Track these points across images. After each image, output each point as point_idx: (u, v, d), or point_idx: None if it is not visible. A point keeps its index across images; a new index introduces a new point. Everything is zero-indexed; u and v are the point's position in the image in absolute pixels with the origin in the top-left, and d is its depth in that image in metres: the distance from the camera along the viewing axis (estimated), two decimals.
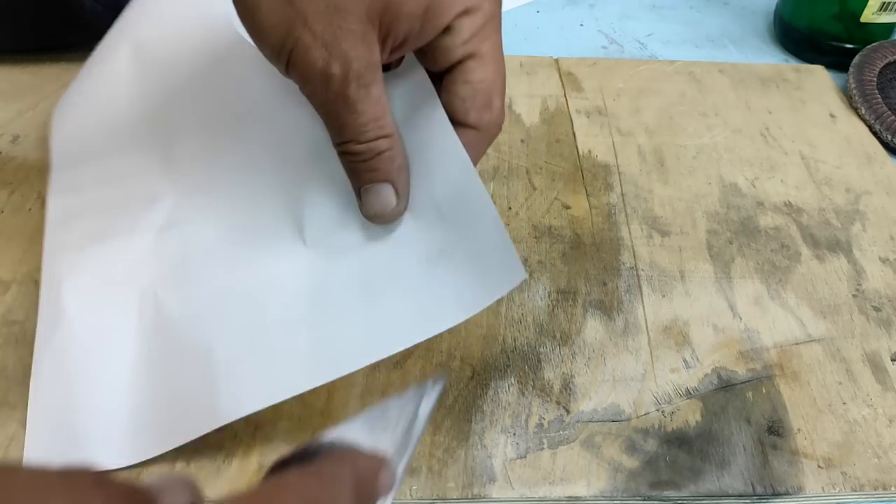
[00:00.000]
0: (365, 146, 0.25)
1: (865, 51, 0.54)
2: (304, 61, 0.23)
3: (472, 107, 0.26)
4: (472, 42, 0.25)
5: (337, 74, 0.23)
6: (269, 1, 0.22)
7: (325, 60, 0.23)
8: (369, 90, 0.24)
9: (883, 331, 0.36)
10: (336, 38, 0.23)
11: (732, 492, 0.30)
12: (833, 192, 0.45)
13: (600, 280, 0.38)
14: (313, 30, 0.22)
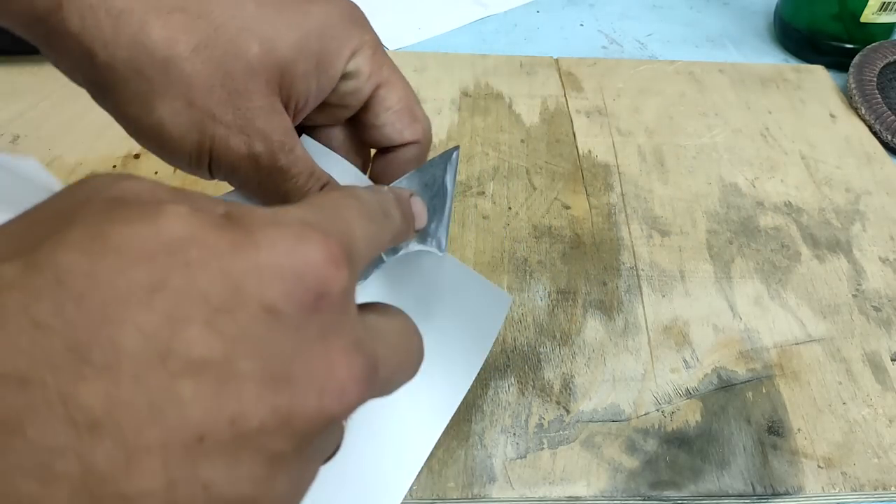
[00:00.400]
0: None
1: (865, 51, 0.54)
2: (228, 152, 0.23)
3: (404, 126, 0.27)
4: (374, 75, 0.26)
5: (263, 152, 0.23)
6: (170, 112, 0.22)
7: (247, 144, 0.23)
8: (294, 152, 0.24)
9: (883, 331, 0.36)
10: (248, 120, 0.23)
11: (732, 492, 0.30)
12: (833, 192, 0.45)
13: (600, 280, 0.38)
14: (224, 121, 0.23)
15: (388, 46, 0.56)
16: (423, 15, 0.61)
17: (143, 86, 0.22)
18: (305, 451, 0.14)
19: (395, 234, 0.20)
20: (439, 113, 0.48)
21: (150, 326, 0.12)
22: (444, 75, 0.52)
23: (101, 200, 0.13)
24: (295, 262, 0.14)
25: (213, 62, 0.22)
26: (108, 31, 0.21)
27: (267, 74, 0.23)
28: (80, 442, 0.11)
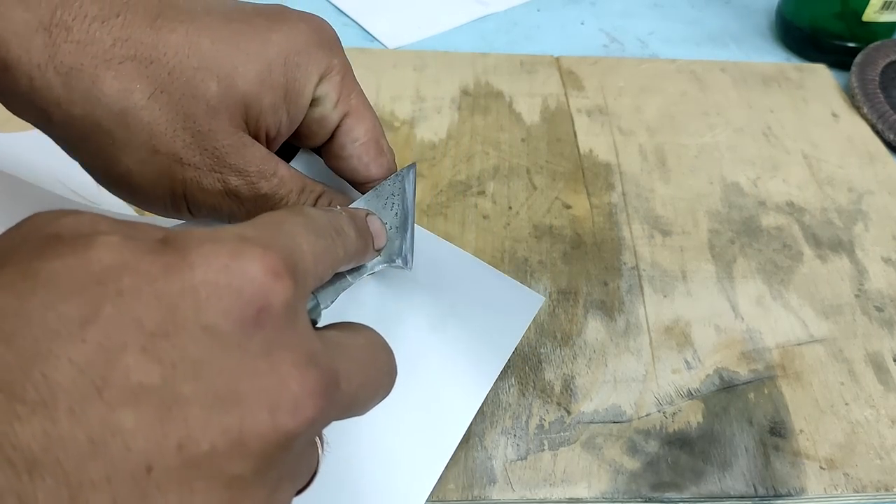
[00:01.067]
0: None
1: (868, 49, 0.53)
2: (203, 194, 0.23)
3: (370, 159, 0.26)
4: (342, 103, 0.25)
5: (241, 185, 0.23)
6: (135, 163, 0.22)
7: (221, 181, 0.23)
8: (277, 174, 0.24)
9: (885, 331, 0.36)
10: (218, 159, 0.22)
11: (734, 493, 0.29)
12: (835, 191, 0.44)
13: (601, 280, 0.38)
14: (192, 163, 0.22)
15: (388, 45, 0.56)
16: (424, 13, 0.60)
17: (104, 139, 0.21)
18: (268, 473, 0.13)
19: (350, 251, 0.20)
20: (439, 112, 0.48)
21: (83, 358, 0.12)
22: (445, 74, 0.52)
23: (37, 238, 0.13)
24: (231, 277, 0.13)
25: (172, 106, 0.21)
26: (60, 90, 0.20)
27: (229, 112, 0.22)
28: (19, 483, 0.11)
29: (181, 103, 0.21)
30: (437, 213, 0.41)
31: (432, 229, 0.40)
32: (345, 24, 0.59)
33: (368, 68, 0.52)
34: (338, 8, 0.60)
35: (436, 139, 0.46)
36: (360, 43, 0.56)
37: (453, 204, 0.42)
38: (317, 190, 0.25)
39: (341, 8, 0.60)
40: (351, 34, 0.58)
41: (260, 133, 0.24)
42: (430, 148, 0.45)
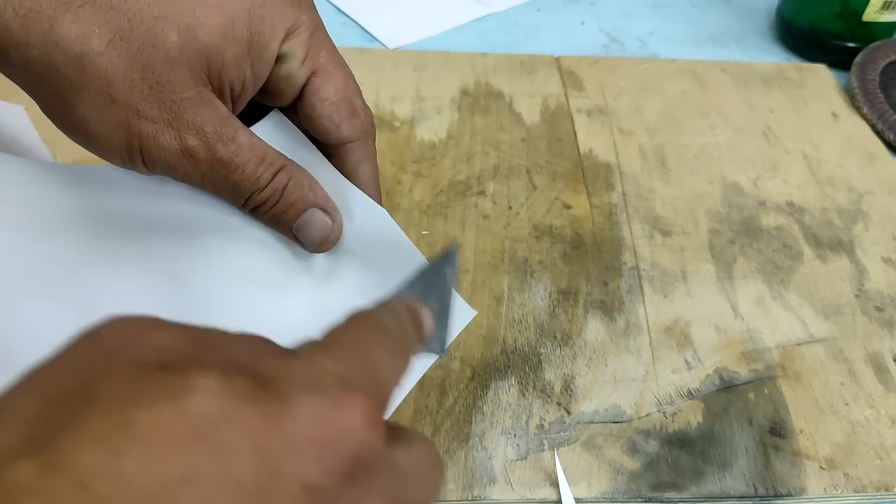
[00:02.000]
0: (268, 189, 0.24)
1: (867, 50, 0.53)
2: (159, 150, 0.22)
3: (341, 120, 0.25)
4: (309, 60, 0.24)
5: (197, 145, 0.22)
6: (91, 110, 0.21)
7: (178, 139, 0.22)
8: (236, 140, 0.23)
9: (885, 331, 0.36)
10: (176, 114, 0.22)
11: (734, 493, 0.29)
12: (835, 191, 0.44)
13: (601, 280, 0.38)
14: (150, 116, 0.22)
15: (388, 45, 0.56)
16: (424, 13, 0.60)
17: (61, 84, 0.21)
18: None
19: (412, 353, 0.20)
20: (439, 112, 0.48)
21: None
22: (445, 74, 0.52)
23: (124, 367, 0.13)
24: (334, 432, 0.13)
25: (131, 55, 0.21)
26: (18, 32, 0.20)
27: (190, 64, 0.22)
28: None
29: (140, 52, 0.21)
30: (437, 213, 0.41)
31: (432, 229, 0.40)
32: (345, 24, 0.59)
33: (368, 68, 0.52)
34: (338, 8, 0.60)
35: (436, 139, 0.46)
36: (360, 43, 0.56)
37: (453, 204, 0.42)
38: (277, 163, 0.24)
39: (341, 8, 0.60)
40: (351, 34, 0.58)
41: (224, 89, 0.23)
42: (430, 148, 0.45)
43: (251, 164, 0.23)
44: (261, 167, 0.24)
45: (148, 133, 0.22)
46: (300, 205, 0.25)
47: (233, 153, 0.23)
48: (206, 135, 0.22)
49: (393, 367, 0.17)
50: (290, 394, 0.13)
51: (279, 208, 0.25)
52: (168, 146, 0.22)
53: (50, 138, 0.44)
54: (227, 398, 0.12)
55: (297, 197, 0.25)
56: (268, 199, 0.24)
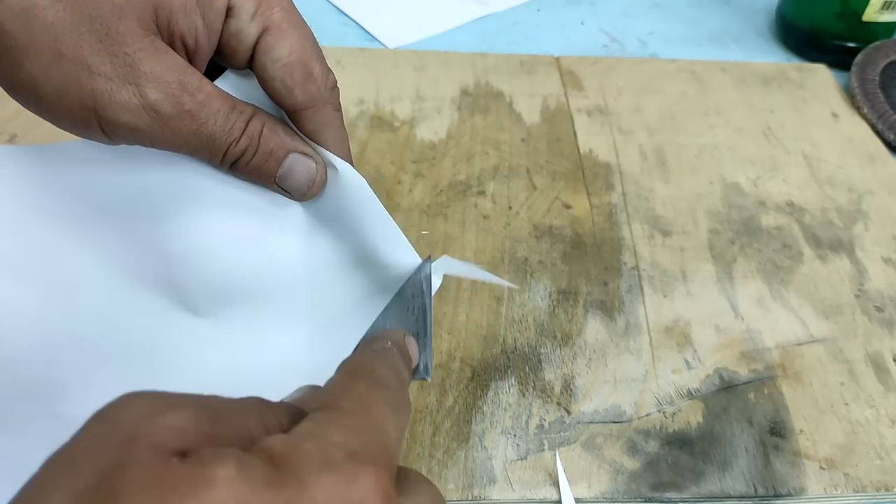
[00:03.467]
0: (244, 139, 0.23)
1: (868, 50, 0.53)
2: (117, 109, 0.20)
3: (294, 83, 0.23)
4: (260, 15, 0.23)
5: (161, 98, 0.21)
6: (40, 67, 0.20)
7: (137, 94, 0.20)
8: (203, 91, 0.22)
9: (885, 331, 0.36)
10: (131, 67, 0.20)
11: (734, 493, 0.29)
12: (835, 191, 0.44)
13: (601, 280, 0.38)
14: (103, 72, 0.20)
15: (388, 45, 0.56)
16: (424, 13, 0.60)
17: (7, 41, 0.20)
18: None
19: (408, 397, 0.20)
20: (439, 112, 0.48)
21: None
22: (445, 74, 0.52)
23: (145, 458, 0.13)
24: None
25: (77, 7, 0.20)
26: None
27: (137, 12, 0.20)
28: None
29: (86, 4, 0.20)
30: (437, 213, 0.41)
31: (432, 229, 0.40)
32: (345, 24, 0.59)
33: (368, 68, 0.52)
34: (338, 8, 0.60)
35: (436, 139, 0.46)
36: (360, 43, 0.56)
37: (453, 204, 0.42)
38: (247, 111, 0.23)
39: (341, 8, 0.60)
40: (351, 34, 0.58)
41: (175, 41, 0.22)
42: (430, 148, 0.45)
43: (222, 114, 0.22)
44: (232, 115, 0.22)
45: (102, 90, 0.20)
46: (279, 151, 0.24)
47: (200, 103, 0.21)
48: (169, 85, 0.21)
49: (397, 425, 0.17)
50: (306, 476, 0.14)
51: (259, 158, 0.23)
52: (127, 103, 0.20)
53: (7, 117, 0.44)
54: (247, 486, 0.13)
55: (275, 144, 0.23)
56: (246, 150, 0.23)
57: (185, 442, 0.14)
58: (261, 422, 0.16)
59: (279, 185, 0.24)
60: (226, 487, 0.13)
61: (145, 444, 0.13)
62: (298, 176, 0.24)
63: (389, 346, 0.21)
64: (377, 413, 0.16)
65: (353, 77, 0.51)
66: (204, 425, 0.14)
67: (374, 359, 0.19)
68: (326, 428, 0.15)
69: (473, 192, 0.42)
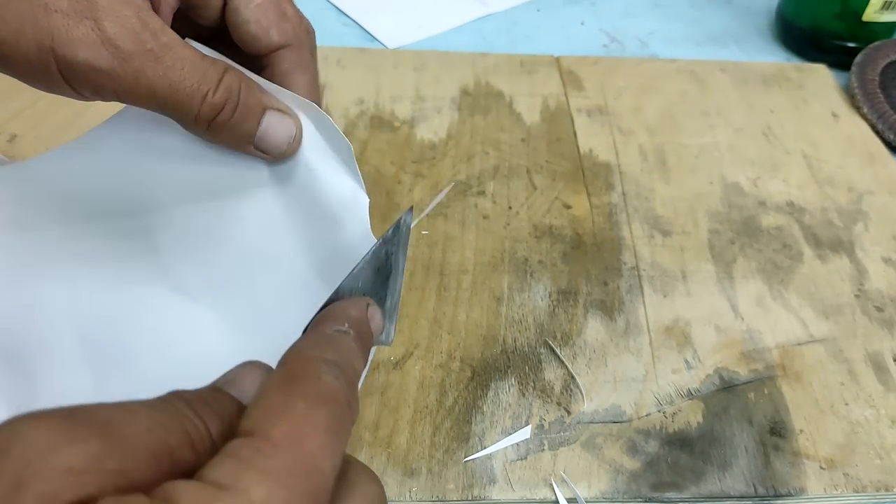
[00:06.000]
0: (221, 91, 0.21)
1: (868, 50, 0.53)
2: (76, 44, 0.19)
3: (270, 23, 0.23)
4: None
5: (119, 32, 0.19)
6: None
7: (94, 28, 0.19)
8: (166, 33, 0.20)
9: (885, 331, 0.36)
10: (90, 2, 0.19)
11: (734, 493, 0.29)
12: (835, 191, 0.44)
13: (601, 280, 0.38)
14: (60, 8, 0.19)
15: (388, 45, 0.56)
16: (424, 13, 0.60)
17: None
18: None
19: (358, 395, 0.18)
20: (439, 112, 0.48)
21: None
22: (445, 74, 0.52)
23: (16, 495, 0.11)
24: None
25: None
26: None
27: None
28: None
29: None
30: (437, 213, 0.41)
31: (432, 229, 0.40)
32: (345, 24, 0.59)
33: (368, 68, 0.52)
34: (338, 8, 0.60)
35: (436, 139, 0.46)
36: (360, 43, 0.56)
37: (453, 204, 0.42)
38: (220, 64, 0.22)
39: (341, 8, 0.60)
40: (351, 34, 0.58)
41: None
42: (430, 148, 0.45)
43: (189, 62, 0.20)
44: (202, 64, 0.21)
45: (59, 27, 0.19)
46: (257, 108, 0.22)
47: (164, 45, 0.20)
48: (129, 19, 0.19)
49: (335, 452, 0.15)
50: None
51: (238, 116, 0.22)
52: (85, 37, 0.19)
53: (7, 117, 0.44)
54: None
55: (253, 100, 0.22)
56: (224, 106, 0.21)
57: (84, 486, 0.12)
58: (184, 433, 0.14)
59: (256, 146, 0.23)
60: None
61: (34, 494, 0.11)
62: (278, 134, 0.23)
63: (346, 328, 0.19)
64: (312, 446, 0.14)
65: (353, 77, 0.51)
66: (110, 461, 0.12)
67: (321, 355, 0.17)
68: (246, 475, 0.13)
69: (473, 193, 0.42)
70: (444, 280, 0.37)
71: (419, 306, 0.36)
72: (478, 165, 0.44)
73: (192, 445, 0.14)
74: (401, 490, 0.29)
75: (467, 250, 0.39)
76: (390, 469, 0.29)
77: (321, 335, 0.18)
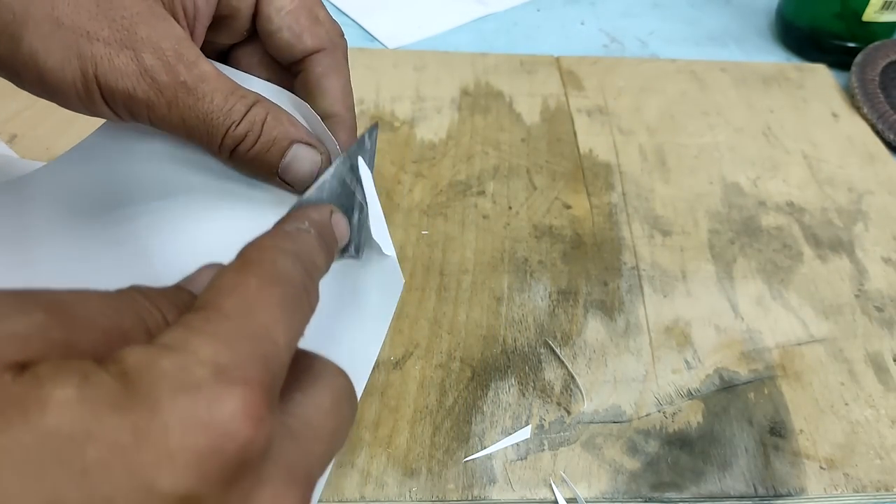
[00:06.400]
0: (244, 123, 0.22)
1: (868, 49, 0.53)
2: (116, 75, 0.20)
3: (302, 28, 0.23)
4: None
5: (156, 64, 0.20)
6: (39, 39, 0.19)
7: (135, 59, 0.20)
8: (199, 66, 0.21)
9: (885, 331, 0.36)
10: (129, 31, 0.20)
11: (734, 493, 0.29)
12: (835, 191, 0.44)
13: (601, 280, 0.38)
14: (102, 37, 0.20)
15: (388, 45, 0.56)
16: (423, 13, 0.60)
17: (5, 16, 0.19)
18: None
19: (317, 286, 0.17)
20: (439, 112, 0.48)
21: None
22: (444, 74, 0.52)
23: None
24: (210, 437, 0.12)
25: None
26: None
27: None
28: None
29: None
30: (437, 213, 0.41)
31: (432, 229, 0.40)
32: (345, 24, 0.59)
33: (368, 68, 0.52)
34: (338, 8, 0.60)
35: (436, 139, 0.46)
36: (360, 43, 0.56)
37: (453, 204, 0.42)
38: (249, 96, 0.22)
39: (341, 8, 0.60)
40: (351, 34, 0.57)
41: (176, 8, 0.21)
42: (430, 148, 0.45)
43: (220, 94, 0.21)
44: (232, 98, 0.22)
45: (101, 56, 0.20)
46: (283, 141, 0.23)
47: (197, 77, 0.21)
48: (165, 52, 0.20)
49: (290, 327, 0.15)
50: (159, 397, 0.12)
51: (261, 146, 0.22)
52: (125, 68, 0.20)
53: (7, 117, 0.44)
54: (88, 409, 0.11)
55: (278, 132, 0.23)
56: (247, 136, 0.22)
57: (28, 352, 0.12)
58: (139, 319, 0.14)
59: (280, 178, 0.24)
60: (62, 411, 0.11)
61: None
62: (302, 167, 0.23)
63: (306, 226, 0.18)
64: (264, 317, 0.14)
65: (353, 77, 0.50)
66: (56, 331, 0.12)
67: (278, 244, 0.17)
68: (195, 338, 0.13)
69: (473, 193, 0.42)
70: (444, 280, 0.37)
71: (419, 306, 0.36)
72: (478, 165, 0.44)
73: (148, 331, 0.14)
74: (401, 490, 0.29)
75: (467, 250, 0.39)
76: (390, 469, 0.29)
77: (280, 230, 0.18)
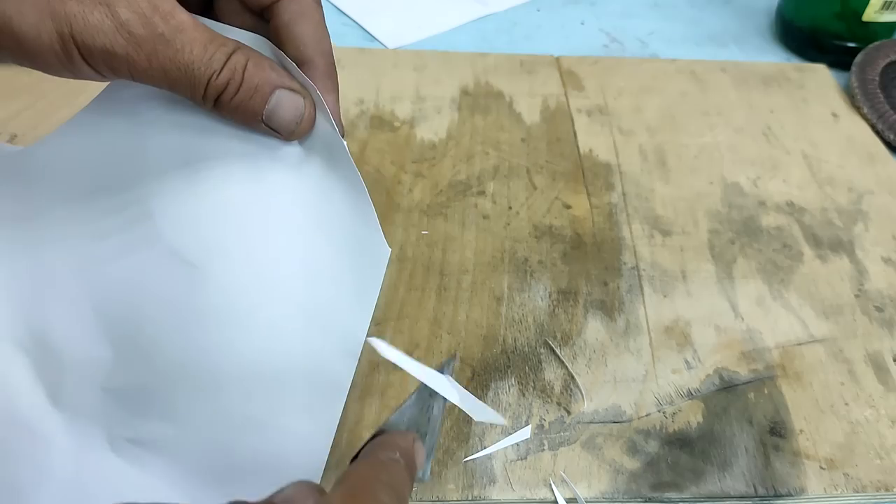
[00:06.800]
0: (225, 71, 0.22)
1: (868, 49, 0.53)
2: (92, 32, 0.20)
3: None
4: None
5: (132, 17, 0.20)
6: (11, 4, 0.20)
7: (108, 14, 0.20)
8: (176, 17, 0.21)
9: (885, 331, 0.36)
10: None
11: (734, 493, 0.29)
12: (835, 191, 0.44)
13: (601, 280, 0.38)
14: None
15: (388, 45, 0.56)
16: (424, 13, 0.60)
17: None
18: None
19: None
20: (439, 112, 0.48)
21: None
22: (445, 74, 0.52)
23: None
24: None
25: None
26: None
27: None
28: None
29: None
30: (437, 213, 0.41)
31: (432, 229, 0.40)
32: (345, 24, 0.59)
33: (368, 68, 0.52)
34: (338, 8, 0.60)
35: (436, 139, 0.46)
36: (360, 43, 0.56)
37: (453, 204, 0.42)
38: (229, 44, 0.22)
39: (341, 8, 0.60)
40: (351, 34, 0.58)
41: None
42: (430, 148, 0.45)
43: (199, 44, 0.21)
44: (211, 46, 0.22)
45: (76, 14, 0.20)
46: (265, 87, 0.23)
47: (175, 28, 0.21)
48: (140, 5, 0.20)
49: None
50: None
51: (244, 94, 0.23)
52: (100, 24, 0.20)
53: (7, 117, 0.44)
54: None
55: (260, 79, 0.23)
56: (228, 84, 0.22)
57: None
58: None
59: (266, 124, 0.24)
60: None
61: None
62: (286, 113, 0.24)
63: (397, 457, 0.20)
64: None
65: (353, 77, 0.51)
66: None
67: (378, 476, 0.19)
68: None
69: (473, 193, 0.42)
70: (444, 280, 0.37)
71: (419, 306, 0.36)
72: (478, 165, 0.44)
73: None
74: None
75: (467, 250, 0.39)
76: None
77: (376, 460, 0.20)
